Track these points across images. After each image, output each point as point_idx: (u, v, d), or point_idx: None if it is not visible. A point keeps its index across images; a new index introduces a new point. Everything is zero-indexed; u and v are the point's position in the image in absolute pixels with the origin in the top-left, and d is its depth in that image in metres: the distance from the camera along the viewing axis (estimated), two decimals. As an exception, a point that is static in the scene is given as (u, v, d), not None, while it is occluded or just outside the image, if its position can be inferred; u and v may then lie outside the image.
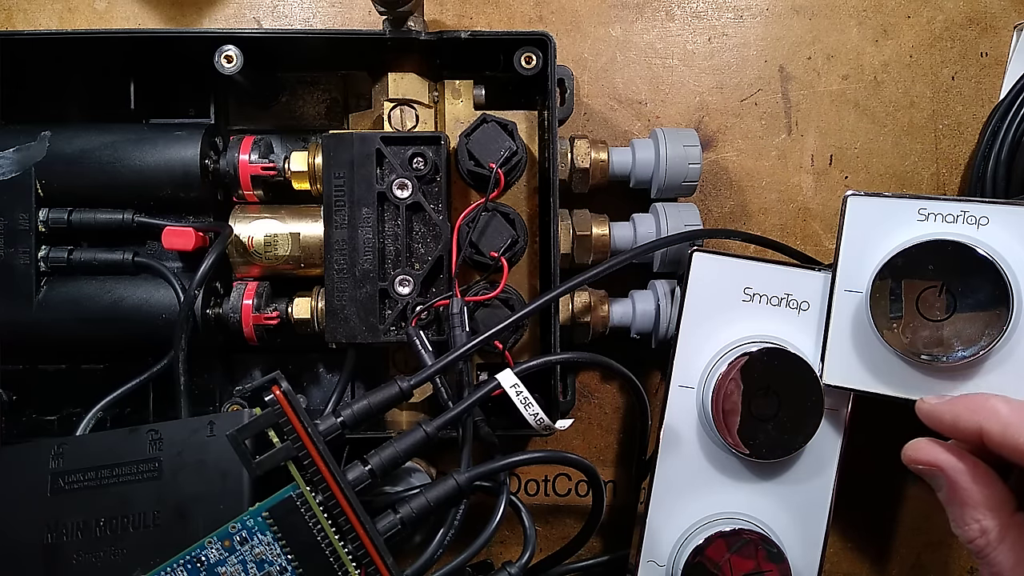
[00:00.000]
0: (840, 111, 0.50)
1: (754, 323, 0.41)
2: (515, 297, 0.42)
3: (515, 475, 0.50)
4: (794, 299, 0.41)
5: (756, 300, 0.41)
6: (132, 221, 0.43)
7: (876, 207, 0.39)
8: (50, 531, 0.37)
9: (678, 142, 0.45)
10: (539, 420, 0.37)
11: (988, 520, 0.33)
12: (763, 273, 0.42)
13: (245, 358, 0.47)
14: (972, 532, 0.33)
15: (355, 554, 0.34)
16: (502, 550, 0.49)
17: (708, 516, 0.41)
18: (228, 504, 0.36)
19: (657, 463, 0.42)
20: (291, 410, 0.34)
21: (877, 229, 0.39)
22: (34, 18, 0.50)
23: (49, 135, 0.42)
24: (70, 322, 0.42)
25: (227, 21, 0.50)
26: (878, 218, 0.39)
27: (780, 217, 0.50)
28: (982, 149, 0.47)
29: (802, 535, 0.41)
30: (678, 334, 0.42)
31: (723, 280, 0.42)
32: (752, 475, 0.41)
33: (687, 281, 0.42)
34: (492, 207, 0.41)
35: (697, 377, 0.42)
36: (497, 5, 0.50)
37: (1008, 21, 0.50)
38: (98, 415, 0.40)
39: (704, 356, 0.42)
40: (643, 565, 0.42)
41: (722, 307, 0.42)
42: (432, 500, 0.36)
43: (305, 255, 0.43)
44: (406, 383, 0.36)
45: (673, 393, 0.42)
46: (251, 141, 0.43)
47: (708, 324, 0.42)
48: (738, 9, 0.50)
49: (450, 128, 0.44)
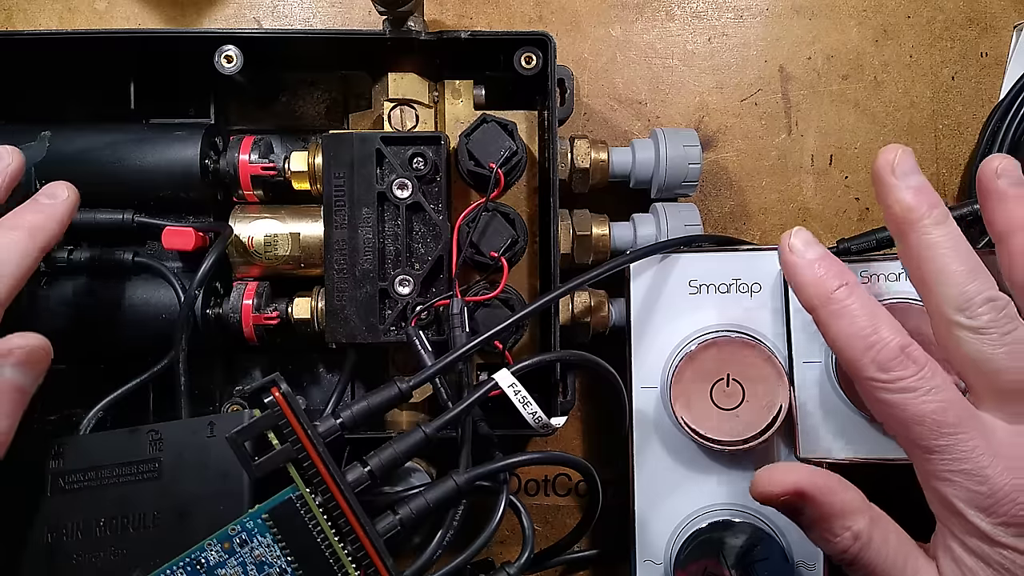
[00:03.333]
0: (840, 111, 0.50)
1: (706, 313, 0.42)
2: (515, 297, 0.43)
3: (515, 475, 0.50)
4: (743, 283, 0.41)
5: (704, 291, 0.42)
6: (132, 221, 0.43)
7: None
8: (50, 531, 0.37)
9: (678, 142, 0.45)
10: (538, 419, 0.37)
11: (857, 523, 0.32)
12: (704, 263, 0.42)
13: (245, 358, 0.47)
14: (845, 541, 0.32)
15: (355, 555, 0.34)
16: (502, 550, 0.49)
17: (699, 509, 0.41)
18: (228, 505, 0.36)
19: (635, 465, 0.42)
20: (291, 412, 0.34)
21: None
22: (34, 18, 0.50)
23: (49, 135, 0.42)
24: (70, 322, 0.42)
25: (227, 21, 0.50)
26: None
27: (780, 217, 0.50)
28: (982, 149, 0.48)
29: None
30: (630, 340, 0.42)
31: (665, 280, 0.42)
32: (730, 465, 0.42)
33: (630, 291, 0.42)
34: (492, 207, 0.41)
35: (657, 376, 0.42)
36: (497, 5, 0.50)
37: (1008, 21, 0.50)
38: (98, 415, 0.40)
39: (661, 355, 0.42)
40: (640, 565, 0.42)
41: (670, 305, 0.42)
42: (431, 501, 0.36)
43: (305, 255, 0.43)
44: (406, 384, 0.36)
45: (636, 395, 0.42)
46: (251, 141, 0.43)
47: (659, 325, 0.42)
48: (738, 9, 0.50)
49: (450, 128, 0.44)
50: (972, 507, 0.31)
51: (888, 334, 0.32)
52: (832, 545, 0.33)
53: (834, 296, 0.33)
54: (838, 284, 0.33)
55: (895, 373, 0.32)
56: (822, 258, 0.34)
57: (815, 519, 0.33)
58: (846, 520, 0.33)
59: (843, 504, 0.33)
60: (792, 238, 0.35)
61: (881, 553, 0.32)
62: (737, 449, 0.40)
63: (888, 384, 0.32)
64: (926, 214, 0.33)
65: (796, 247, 0.35)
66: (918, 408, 0.31)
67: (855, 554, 0.32)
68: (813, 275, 0.34)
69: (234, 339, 0.43)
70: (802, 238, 0.35)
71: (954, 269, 0.32)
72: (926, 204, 0.33)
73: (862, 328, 0.32)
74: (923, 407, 0.31)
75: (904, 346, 0.32)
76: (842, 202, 0.50)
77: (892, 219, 0.34)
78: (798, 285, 0.35)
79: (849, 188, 0.50)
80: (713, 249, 0.42)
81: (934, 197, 0.33)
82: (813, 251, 0.35)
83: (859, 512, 0.33)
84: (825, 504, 0.33)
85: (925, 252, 0.33)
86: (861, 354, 0.32)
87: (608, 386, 0.40)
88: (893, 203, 0.33)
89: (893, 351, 0.32)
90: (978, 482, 0.31)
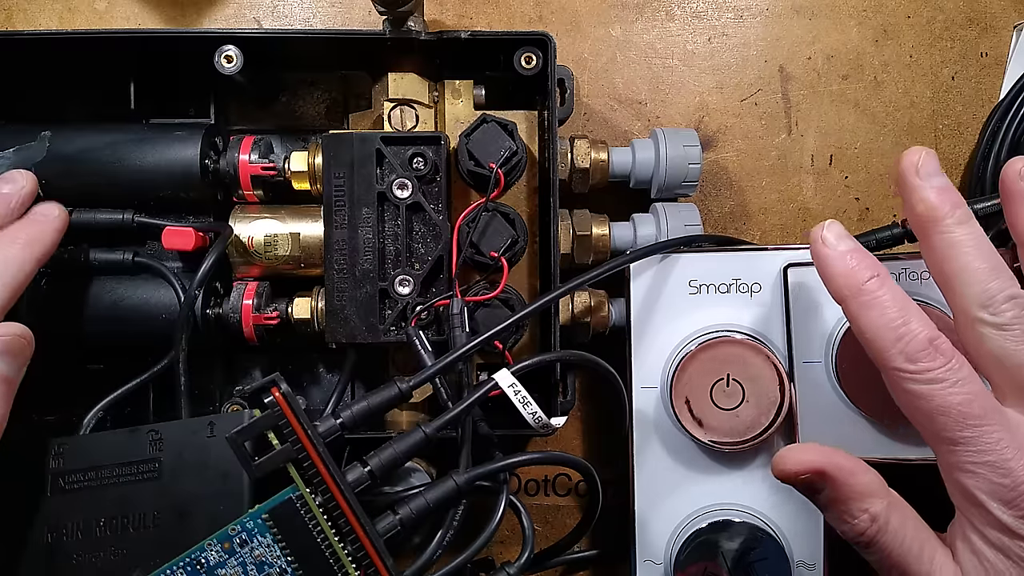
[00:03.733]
0: (840, 111, 0.50)
1: (706, 313, 0.42)
2: (515, 297, 0.43)
3: (515, 475, 0.50)
4: (743, 283, 0.42)
5: (703, 291, 0.42)
6: (132, 221, 0.42)
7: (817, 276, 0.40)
8: (50, 531, 0.37)
9: (678, 142, 0.45)
10: (538, 419, 0.37)
11: (875, 506, 0.33)
12: (704, 263, 0.42)
13: (245, 358, 0.47)
14: (863, 523, 0.33)
15: (355, 555, 0.34)
16: (502, 550, 0.49)
17: (699, 509, 0.42)
18: (228, 505, 0.36)
19: (635, 465, 0.42)
20: (291, 412, 0.34)
21: (822, 296, 0.39)
22: (34, 18, 0.50)
23: (49, 135, 0.42)
24: (70, 322, 0.42)
25: (227, 21, 0.50)
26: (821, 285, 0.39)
27: (780, 217, 0.50)
28: (982, 149, 0.48)
29: (794, 514, 0.41)
30: (630, 340, 0.42)
31: (665, 280, 0.42)
32: (730, 465, 0.42)
33: (630, 291, 0.42)
34: (492, 207, 0.41)
35: (657, 376, 0.42)
36: (497, 5, 0.50)
37: (1008, 21, 0.50)
38: (98, 415, 0.40)
39: (661, 355, 0.42)
40: (640, 565, 0.42)
41: (670, 305, 0.42)
42: (431, 501, 0.36)
43: (305, 255, 0.43)
44: (405, 384, 0.36)
45: (636, 395, 0.42)
46: (251, 141, 0.43)
47: (659, 325, 0.42)
48: (738, 9, 0.50)
49: (450, 128, 0.44)
50: (995, 499, 0.31)
51: (917, 326, 0.33)
52: (849, 527, 0.33)
53: (865, 287, 0.34)
54: (869, 275, 0.34)
55: (923, 364, 0.32)
56: (854, 250, 0.35)
57: (833, 500, 0.33)
58: (864, 502, 0.33)
59: (862, 486, 0.33)
60: (824, 231, 0.35)
61: (897, 538, 0.33)
62: (737, 449, 0.40)
63: (916, 375, 0.32)
64: (949, 213, 0.33)
65: (828, 240, 0.35)
66: (944, 399, 0.32)
67: (871, 537, 0.33)
68: (845, 266, 0.34)
69: (234, 339, 0.43)
70: (835, 231, 0.35)
71: (977, 267, 0.33)
72: (949, 204, 0.34)
73: (892, 319, 0.33)
74: (949, 398, 0.32)
75: (932, 338, 0.32)
76: (842, 202, 0.50)
77: (916, 219, 0.34)
78: (829, 276, 0.35)
79: (849, 188, 0.50)
80: (713, 249, 0.42)
81: (957, 197, 0.34)
82: (845, 243, 0.35)
83: (877, 495, 0.33)
84: (844, 485, 0.33)
85: (948, 250, 0.33)
86: (890, 344, 0.33)
87: (608, 386, 0.40)
88: (917, 202, 0.34)
89: (922, 343, 0.32)
90: (1002, 475, 0.31)
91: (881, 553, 0.33)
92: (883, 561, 0.33)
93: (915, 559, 0.33)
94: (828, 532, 0.41)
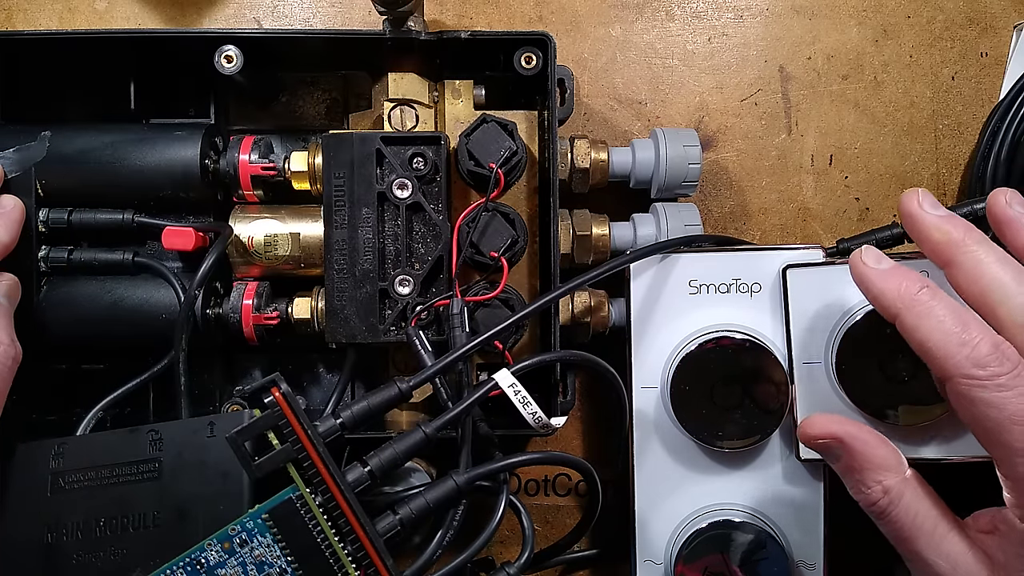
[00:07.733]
0: (840, 111, 0.50)
1: (706, 313, 0.42)
2: (515, 297, 0.43)
3: (515, 475, 0.50)
4: (743, 283, 0.42)
5: (704, 291, 0.42)
6: (132, 221, 0.43)
7: (816, 276, 0.40)
8: (50, 531, 0.37)
9: (678, 142, 0.45)
10: (538, 419, 0.37)
11: (889, 479, 0.34)
12: (704, 263, 0.42)
13: (245, 358, 0.47)
14: (875, 493, 0.34)
15: (355, 555, 0.34)
16: (502, 550, 0.49)
17: (699, 509, 0.42)
18: (228, 505, 0.36)
19: (635, 465, 0.42)
20: (291, 412, 0.34)
21: (821, 296, 0.40)
22: (34, 18, 0.50)
23: (49, 135, 0.42)
24: (70, 322, 0.42)
25: (227, 21, 0.50)
26: (820, 286, 0.39)
27: (780, 217, 0.50)
28: (982, 149, 0.48)
29: (794, 514, 0.41)
30: (630, 340, 0.42)
31: (665, 280, 0.42)
32: (730, 465, 0.42)
33: (630, 291, 0.42)
34: (492, 207, 0.41)
35: (657, 376, 0.42)
36: (497, 5, 0.50)
37: (1008, 21, 0.50)
38: (98, 415, 0.40)
39: (661, 355, 0.42)
40: (640, 565, 0.42)
41: (670, 305, 0.42)
42: (431, 501, 0.36)
43: (305, 255, 0.43)
44: (405, 384, 0.36)
45: (636, 395, 0.42)
46: (251, 141, 0.43)
47: (659, 325, 0.42)
48: (738, 9, 0.50)
49: (450, 128, 0.44)
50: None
51: (978, 331, 0.32)
52: (863, 496, 0.35)
53: (918, 298, 0.33)
54: (920, 286, 0.34)
55: (992, 369, 0.31)
56: (898, 267, 0.35)
57: (850, 467, 0.35)
58: (878, 474, 0.34)
59: (878, 459, 0.35)
60: (864, 256, 0.36)
61: (910, 512, 0.34)
62: (737, 449, 0.40)
63: (986, 381, 0.31)
64: (966, 235, 0.34)
65: (869, 261, 0.35)
66: (1018, 407, 0.31)
67: (883, 508, 0.34)
68: (895, 282, 0.34)
69: (234, 339, 0.43)
70: (872, 255, 0.36)
71: (1009, 279, 0.33)
72: (963, 228, 0.34)
73: (952, 327, 0.32)
74: (1022, 406, 0.31)
75: (997, 343, 0.32)
76: (842, 202, 0.50)
77: (936, 247, 0.35)
78: (878, 292, 0.35)
79: (849, 188, 0.50)
80: (713, 249, 0.42)
81: (964, 222, 0.35)
82: (887, 263, 0.35)
83: (893, 470, 0.35)
84: (860, 455, 0.35)
85: (978, 268, 0.33)
86: (955, 351, 0.32)
87: (608, 386, 0.40)
88: (933, 231, 0.35)
89: (988, 347, 0.32)
90: None
91: (892, 525, 0.34)
92: (894, 534, 0.34)
93: (926, 535, 0.33)
94: (828, 532, 0.41)
